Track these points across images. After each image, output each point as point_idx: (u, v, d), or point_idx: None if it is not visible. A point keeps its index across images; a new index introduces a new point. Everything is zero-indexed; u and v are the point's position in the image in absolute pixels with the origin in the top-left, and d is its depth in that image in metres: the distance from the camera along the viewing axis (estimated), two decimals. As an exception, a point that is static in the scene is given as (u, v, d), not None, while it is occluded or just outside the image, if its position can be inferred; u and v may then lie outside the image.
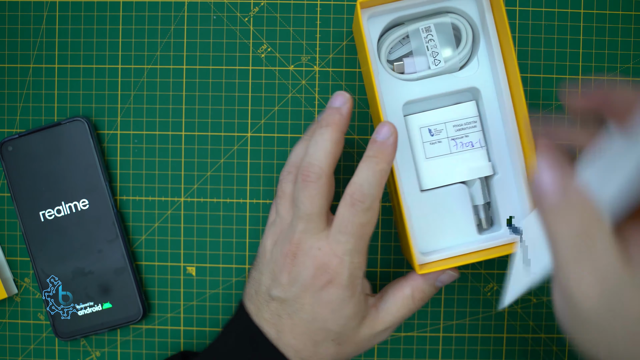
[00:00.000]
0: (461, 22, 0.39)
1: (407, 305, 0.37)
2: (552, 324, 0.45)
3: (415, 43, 0.40)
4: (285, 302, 0.36)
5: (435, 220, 0.39)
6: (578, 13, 0.44)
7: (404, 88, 0.39)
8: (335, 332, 0.36)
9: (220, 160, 0.45)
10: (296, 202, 0.36)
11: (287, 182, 0.38)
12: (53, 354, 0.45)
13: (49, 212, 0.44)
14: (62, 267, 0.44)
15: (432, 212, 0.39)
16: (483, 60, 0.39)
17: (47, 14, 0.45)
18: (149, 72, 0.45)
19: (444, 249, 0.39)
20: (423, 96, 0.39)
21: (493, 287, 0.45)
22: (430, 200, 0.39)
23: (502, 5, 0.37)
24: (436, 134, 0.39)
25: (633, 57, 0.44)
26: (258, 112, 0.44)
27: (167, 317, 0.45)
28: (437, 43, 0.39)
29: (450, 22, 0.39)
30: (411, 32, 0.39)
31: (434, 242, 0.39)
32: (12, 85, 0.45)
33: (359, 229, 0.34)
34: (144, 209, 0.45)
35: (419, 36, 0.39)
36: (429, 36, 0.39)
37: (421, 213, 0.39)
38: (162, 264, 0.45)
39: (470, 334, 0.45)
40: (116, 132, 0.45)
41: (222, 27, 0.44)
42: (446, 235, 0.39)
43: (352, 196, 0.34)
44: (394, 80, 0.39)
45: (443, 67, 0.39)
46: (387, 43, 0.39)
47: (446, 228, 0.39)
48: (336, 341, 0.36)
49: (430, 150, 0.39)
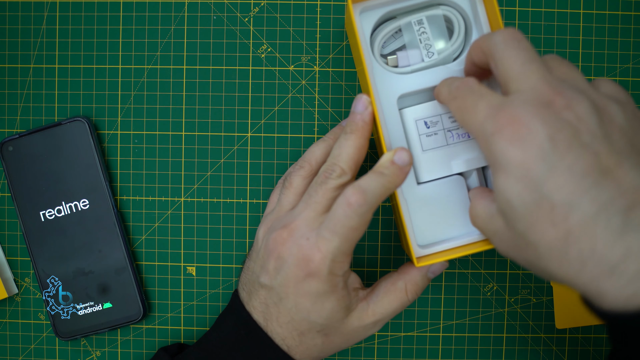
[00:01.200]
0: (453, 13, 0.39)
1: (400, 299, 0.37)
2: (552, 324, 0.45)
3: (408, 36, 0.39)
4: (272, 290, 0.36)
5: (433, 212, 0.39)
6: (578, 13, 0.44)
7: (398, 81, 0.39)
8: (319, 324, 0.36)
9: (220, 160, 0.45)
10: (309, 192, 0.36)
11: (297, 175, 0.38)
12: (53, 354, 0.45)
13: (49, 212, 0.44)
14: (62, 267, 0.44)
15: (429, 204, 0.39)
16: None
17: (48, 14, 0.45)
18: (149, 72, 0.45)
19: (443, 241, 0.39)
20: (417, 89, 0.39)
21: (493, 287, 0.45)
22: (428, 193, 0.39)
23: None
24: (432, 126, 0.38)
25: (633, 57, 0.44)
26: (258, 112, 0.45)
27: (167, 317, 0.45)
28: (430, 35, 0.39)
29: (442, 14, 0.39)
30: (403, 26, 0.39)
31: (432, 235, 0.39)
32: (12, 85, 0.45)
33: (347, 231, 0.34)
34: (144, 209, 0.45)
35: (411, 29, 0.39)
36: (421, 29, 0.39)
37: (419, 206, 0.39)
38: (162, 263, 0.45)
39: (470, 334, 0.45)
40: (116, 132, 0.45)
41: (222, 27, 0.44)
42: (444, 228, 0.39)
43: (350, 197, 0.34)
44: (388, 74, 0.39)
45: (436, 59, 0.39)
46: (379, 37, 0.39)
47: (444, 220, 0.39)
48: (322, 332, 0.36)
49: (426, 142, 0.39)
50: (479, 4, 0.38)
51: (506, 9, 0.44)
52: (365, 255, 0.45)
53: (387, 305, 0.37)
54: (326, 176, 0.36)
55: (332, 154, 0.37)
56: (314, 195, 0.36)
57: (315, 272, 0.35)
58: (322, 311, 0.35)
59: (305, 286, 0.35)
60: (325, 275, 0.35)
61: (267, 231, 0.38)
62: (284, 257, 0.35)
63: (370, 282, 0.45)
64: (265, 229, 0.38)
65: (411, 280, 0.37)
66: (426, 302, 0.45)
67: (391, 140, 0.39)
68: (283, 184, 0.39)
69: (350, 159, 0.36)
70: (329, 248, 0.34)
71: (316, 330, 0.36)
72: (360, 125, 0.36)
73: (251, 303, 0.37)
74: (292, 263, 0.35)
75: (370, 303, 0.37)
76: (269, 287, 0.36)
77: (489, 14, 0.38)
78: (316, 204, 0.36)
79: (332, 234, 0.34)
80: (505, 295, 0.45)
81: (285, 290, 0.35)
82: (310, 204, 0.36)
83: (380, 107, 0.39)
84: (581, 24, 0.44)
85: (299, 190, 0.38)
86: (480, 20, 0.38)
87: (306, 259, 0.35)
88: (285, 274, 0.35)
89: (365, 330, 0.38)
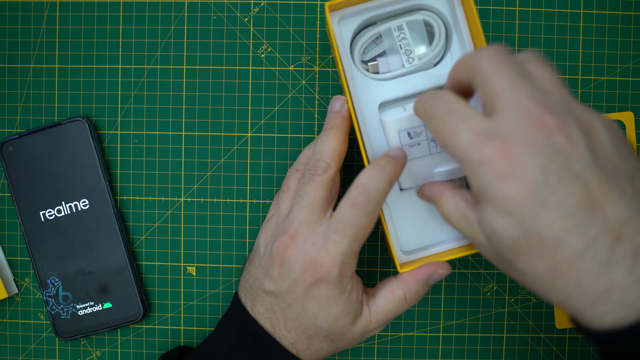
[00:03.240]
0: (433, 18, 0.39)
1: (400, 307, 0.37)
2: (552, 324, 0.45)
3: (388, 42, 0.39)
4: (279, 297, 0.36)
5: (416, 219, 0.40)
6: (578, 13, 0.44)
7: (379, 88, 0.39)
8: (325, 330, 0.36)
9: (220, 160, 0.45)
10: (300, 193, 0.36)
11: (293, 178, 0.39)
12: (53, 354, 0.45)
13: (49, 212, 0.44)
14: (62, 267, 0.44)
15: (413, 210, 0.39)
16: (457, 55, 0.39)
17: (48, 14, 0.45)
18: (149, 72, 0.45)
19: (427, 247, 0.39)
20: (399, 95, 0.39)
21: (493, 287, 0.45)
22: (411, 199, 0.39)
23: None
24: (415, 136, 0.38)
25: (633, 57, 0.44)
26: (258, 112, 0.45)
27: (167, 317, 0.45)
28: (410, 41, 0.39)
29: (422, 19, 0.39)
30: (383, 32, 0.39)
31: (416, 241, 0.40)
32: (12, 85, 0.45)
33: (357, 231, 0.34)
34: (144, 209, 0.45)
35: (391, 35, 0.39)
36: (401, 35, 0.39)
37: (402, 212, 0.39)
38: (162, 263, 0.45)
39: (470, 334, 0.45)
40: (116, 132, 0.45)
41: (222, 27, 0.44)
42: (429, 234, 0.40)
43: (355, 197, 0.34)
44: (369, 81, 0.39)
45: (417, 65, 0.39)
46: (360, 44, 0.39)
47: (428, 226, 0.40)
48: (328, 338, 0.36)
49: (409, 152, 0.38)
50: (458, 7, 0.38)
51: (506, 9, 0.44)
52: (365, 255, 0.45)
53: (387, 313, 0.37)
54: (312, 173, 0.36)
55: (315, 151, 0.37)
56: (306, 197, 0.36)
57: (324, 276, 0.34)
58: (329, 316, 0.35)
59: (315, 291, 0.35)
60: (335, 278, 0.35)
61: (269, 238, 0.38)
62: (289, 263, 0.35)
63: (370, 283, 0.45)
64: (266, 235, 0.38)
65: (410, 290, 0.37)
66: (426, 302, 0.45)
67: (372, 148, 0.39)
68: (281, 189, 0.39)
69: (333, 152, 0.36)
70: (338, 250, 0.34)
71: (322, 336, 0.36)
72: (339, 121, 0.37)
73: (256, 309, 0.37)
74: (299, 269, 0.35)
75: (372, 311, 0.37)
76: (276, 294, 0.36)
77: (467, 18, 0.38)
78: (311, 205, 0.35)
79: (341, 236, 0.34)
80: (505, 295, 0.45)
81: (293, 296, 0.35)
82: (304, 206, 0.36)
83: (361, 115, 0.39)
84: (581, 24, 0.44)
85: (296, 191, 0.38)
86: (460, 24, 0.38)
87: (314, 264, 0.34)
88: (292, 280, 0.35)
89: (368, 334, 0.38)
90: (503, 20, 0.44)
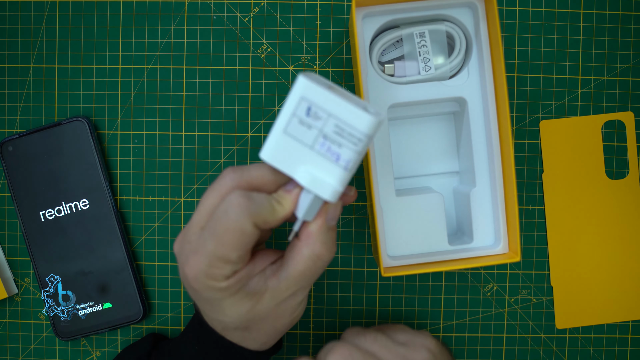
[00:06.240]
0: (456, 31, 0.39)
1: (314, 265, 0.34)
2: (552, 324, 0.45)
3: (408, 47, 0.39)
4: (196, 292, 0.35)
5: (408, 226, 0.40)
6: (578, 13, 0.44)
7: (391, 90, 0.39)
8: (228, 322, 0.35)
9: (220, 160, 0.45)
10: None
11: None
12: (53, 354, 0.45)
13: (49, 212, 0.44)
14: (62, 267, 0.44)
15: (405, 217, 0.40)
16: (473, 71, 0.39)
17: (48, 14, 0.45)
18: (149, 72, 0.45)
19: (414, 255, 0.40)
20: (409, 100, 0.39)
21: (493, 287, 0.45)
22: (405, 206, 0.40)
23: (496, 17, 0.37)
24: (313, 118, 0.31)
25: (633, 57, 0.44)
26: (258, 112, 0.45)
27: (167, 317, 0.45)
28: (430, 49, 0.39)
29: (445, 30, 0.39)
30: (405, 36, 0.39)
31: (404, 247, 0.40)
32: (12, 85, 0.45)
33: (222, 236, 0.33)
34: (144, 209, 0.45)
35: (412, 41, 0.39)
36: (422, 42, 0.39)
37: (395, 217, 0.40)
38: (162, 264, 0.45)
39: (470, 334, 0.45)
40: (116, 132, 0.45)
41: (222, 27, 0.44)
42: (417, 242, 0.40)
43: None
44: (383, 82, 0.39)
45: (433, 74, 0.39)
46: (380, 44, 0.39)
47: (418, 235, 0.40)
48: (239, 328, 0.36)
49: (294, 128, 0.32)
50: (483, 23, 0.38)
51: (506, 8, 0.44)
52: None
53: (298, 276, 0.34)
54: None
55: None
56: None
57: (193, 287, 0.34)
58: (223, 315, 0.35)
59: (197, 296, 0.35)
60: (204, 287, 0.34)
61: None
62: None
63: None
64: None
65: (317, 243, 0.34)
66: (426, 302, 0.45)
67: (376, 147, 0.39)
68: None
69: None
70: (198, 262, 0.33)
71: (233, 328, 0.36)
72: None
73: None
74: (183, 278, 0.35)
75: (282, 279, 0.35)
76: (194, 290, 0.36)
77: (490, 36, 0.38)
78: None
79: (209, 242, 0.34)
80: (505, 295, 0.45)
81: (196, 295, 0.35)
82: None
83: None
84: (581, 24, 0.44)
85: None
86: (482, 41, 0.39)
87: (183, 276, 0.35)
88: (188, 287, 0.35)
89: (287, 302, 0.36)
90: (503, 20, 0.44)
